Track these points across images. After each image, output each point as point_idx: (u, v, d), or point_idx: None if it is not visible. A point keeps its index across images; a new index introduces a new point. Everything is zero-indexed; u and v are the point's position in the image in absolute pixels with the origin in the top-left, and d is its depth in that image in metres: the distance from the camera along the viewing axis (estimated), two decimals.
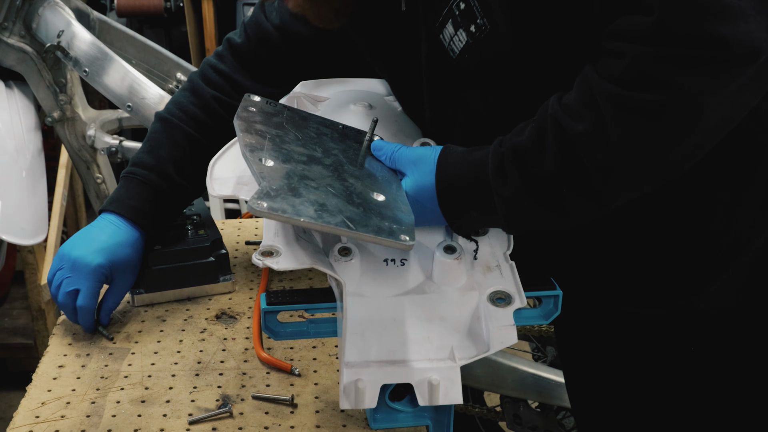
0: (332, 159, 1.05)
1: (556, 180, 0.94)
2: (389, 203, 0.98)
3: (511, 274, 1.00)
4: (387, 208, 0.97)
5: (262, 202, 0.89)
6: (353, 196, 0.97)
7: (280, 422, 1.12)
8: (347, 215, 0.92)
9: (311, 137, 1.09)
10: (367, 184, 1.01)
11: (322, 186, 0.96)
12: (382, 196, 0.99)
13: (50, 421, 1.12)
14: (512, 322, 0.94)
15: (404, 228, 0.94)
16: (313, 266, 0.95)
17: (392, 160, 1.07)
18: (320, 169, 1.01)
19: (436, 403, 0.94)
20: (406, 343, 0.94)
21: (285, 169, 0.97)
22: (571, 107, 0.93)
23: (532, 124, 0.96)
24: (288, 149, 1.04)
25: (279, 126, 1.10)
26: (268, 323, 1.03)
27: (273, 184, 0.93)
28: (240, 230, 1.68)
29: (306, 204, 0.91)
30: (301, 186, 0.95)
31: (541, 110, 0.96)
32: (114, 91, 2.10)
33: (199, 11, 3.32)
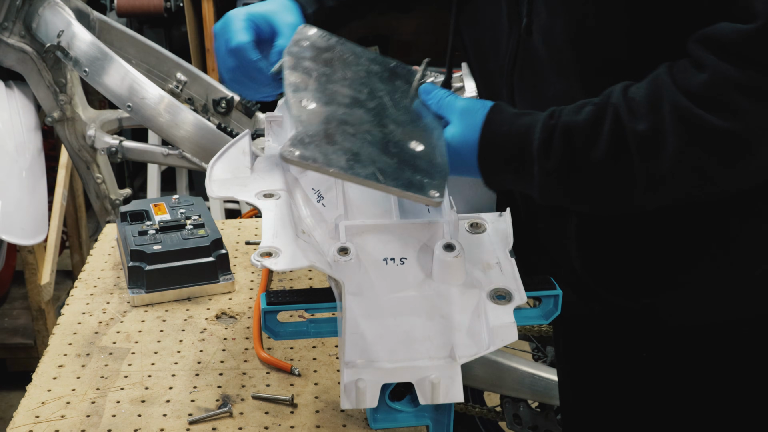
0: (377, 102, 1.03)
1: (599, 170, 0.93)
2: (426, 154, 0.97)
3: (511, 271, 1.00)
4: (423, 160, 0.96)
5: (294, 150, 0.88)
6: (390, 145, 0.96)
7: (280, 422, 1.12)
8: (379, 166, 0.91)
9: (359, 76, 1.07)
10: (408, 132, 0.99)
11: (360, 132, 0.95)
12: (421, 146, 0.97)
13: (50, 421, 1.12)
14: (512, 320, 0.94)
15: (435, 183, 0.93)
16: (312, 266, 0.95)
17: (439, 106, 1.05)
18: (362, 113, 1.00)
19: (437, 401, 0.94)
20: (406, 342, 0.94)
21: (325, 113, 0.96)
22: (635, 104, 0.91)
23: (591, 107, 0.94)
24: (332, 90, 1.02)
25: (328, 63, 1.07)
26: (268, 323, 1.02)
27: (309, 129, 0.92)
28: (240, 230, 1.68)
29: (339, 153, 0.90)
30: (337, 132, 0.93)
31: (605, 95, 0.94)
32: (114, 91, 2.10)
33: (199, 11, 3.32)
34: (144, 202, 1.58)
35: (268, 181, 1.13)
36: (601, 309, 1.16)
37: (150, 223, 1.48)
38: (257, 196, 1.09)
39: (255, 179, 1.14)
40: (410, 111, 1.05)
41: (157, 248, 1.41)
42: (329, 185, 1.08)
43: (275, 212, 1.05)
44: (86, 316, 1.37)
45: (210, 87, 2.33)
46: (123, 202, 2.37)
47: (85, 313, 1.38)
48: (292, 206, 1.07)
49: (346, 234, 1.00)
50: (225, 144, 1.22)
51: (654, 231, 1.08)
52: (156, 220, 1.49)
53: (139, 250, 1.40)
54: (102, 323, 1.35)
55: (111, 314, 1.38)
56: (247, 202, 1.09)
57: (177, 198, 1.58)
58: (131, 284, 1.41)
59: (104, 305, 1.40)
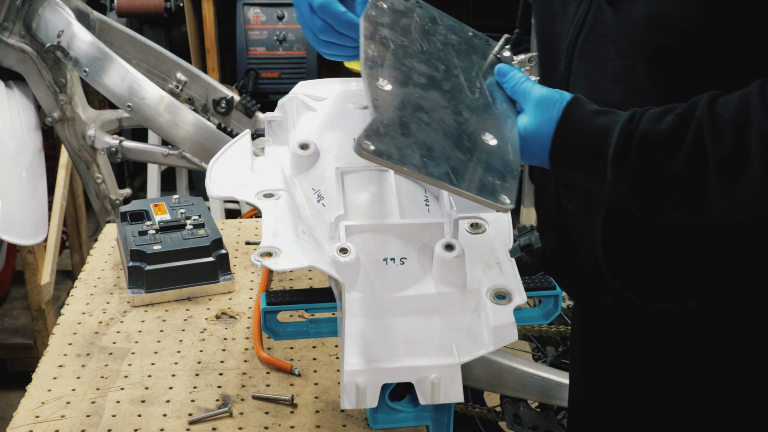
0: (452, 82, 1.01)
1: (674, 184, 0.91)
2: (499, 149, 0.95)
3: (511, 271, 1.00)
4: (495, 156, 0.94)
5: (369, 144, 0.85)
6: (463, 138, 0.94)
7: (280, 422, 1.12)
8: (452, 164, 0.89)
9: (437, 48, 1.05)
10: (482, 120, 0.97)
11: (434, 121, 0.93)
12: (494, 140, 0.96)
13: (50, 421, 1.12)
14: (512, 320, 0.94)
15: (506, 185, 0.91)
16: (312, 266, 0.95)
17: (514, 91, 1.02)
18: (437, 96, 0.97)
19: (437, 401, 0.94)
20: (406, 341, 0.94)
21: (401, 96, 0.94)
22: (721, 121, 0.88)
23: (674, 117, 0.91)
24: (409, 66, 0.99)
25: (406, 31, 1.04)
26: (268, 323, 1.02)
27: (385, 117, 0.90)
28: (240, 230, 1.68)
29: (413, 147, 0.89)
30: (413, 121, 0.92)
31: (690, 106, 0.91)
32: (114, 91, 2.10)
33: (199, 11, 3.33)
34: (144, 202, 1.58)
35: (268, 181, 1.13)
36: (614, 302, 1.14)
37: (150, 223, 1.48)
38: (257, 196, 1.09)
39: (255, 179, 1.14)
40: (485, 93, 1.02)
41: (157, 248, 1.40)
42: (329, 185, 1.08)
43: (275, 212, 1.05)
44: (86, 316, 1.37)
45: (210, 87, 2.34)
46: (123, 202, 2.38)
47: (85, 313, 1.38)
48: (292, 206, 1.07)
49: (346, 234, 1.00)
50: (225, 144, 1.22)
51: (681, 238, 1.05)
52: (156, 220, 1.49)
53: (139, 250, 1.40)
54: (102, 323, 1.35)
55: (111, 314, 1.38)
56: (247, 202, 1.09)
57: (177, 198, 1.58)
58: (131, 284, 1.41)
59: (104, 305, 1.40)
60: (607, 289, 1.12)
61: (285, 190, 1.11)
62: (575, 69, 1.08)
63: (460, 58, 1.06)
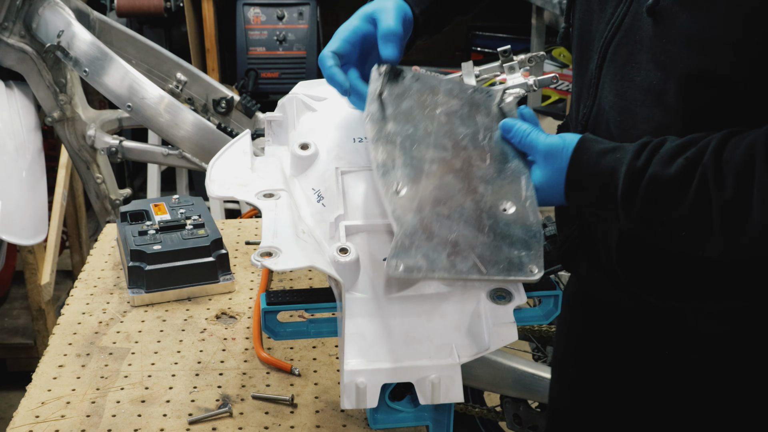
0: (462, 157, 1.03)
1: (681, 225, 0.94)
2: (519, 216, 0.98)
3: None
4: (517, 224, 0.97)
5: (399, 264, 0.90)
6: (483, 217, 0.97)
7: (280, 422, 1.12)
8: (478, 252, 0.93)
9: (441, 123, 1.07)
10: (498, 189, 1.00)
11: (453, 210, 0.96)
12: (513, 207, 0.99)
13: (50, 421, 1.12)
14: (512, 320, 0.94)
15: (532, 253, 0.94)
16: (312, 266, 0.95)
17: (522, 145, 1.04)
18: (451, 179, 1.00)
19: (437, 401, 0.94)
20: (406, 342, 0.94)
21: (417, 196, 0.97)
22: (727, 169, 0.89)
23: (683, 162, 0.93)
24: (419, 156, 1.02)
25: (409, 116, 1.07)
26: (268, 323, 1.02)
27: (407, 227, 0.93)
28: (240, 230, 1.68)
29: (438, 249, 0.92)
30: (434, 220, 0.95)
31: (700, 149, 0.92)
32: (114, 91, 2.10)
33: (199, 11, 3.33)
34: (144, 202, 1.58)
35: (268, 181, 1.13)
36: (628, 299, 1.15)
37: (150, 223, 1.48)
38: (257, 196, 1.09)
39: (255, 179, 1.14)
40: (495, 156, 1.05)
41: (157, 248, 1.40)
42: (329, 185, 1.08)
43: (275, 212, 1.05)
44: (86, 316, 1.37)
45: (210, 87, 2.34)
46: (123, 202, 2.38)
47: (85, 313, 1.38)
48: (292, 206, 1.07)
49: (346, 234, 1.00)
50: (225, 144, 1.22)
51: None
52: (156, 220, 1.49)
53: (139, 250, 1.40)
54: (102, 323, 1.35)
55: (111, 314, 1.38)
56: (247, 202, 1.09)
57: (177, 198, 1.58)
58: (131, 284, 1.41)
59: (104, 305, 1.40)
60: (622, 288, 1.13)
61: (285, 190, 1.11)
62: (605, 72, 1.08)
63: (465, 124, 1.08)
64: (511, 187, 1.01)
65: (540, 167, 1.02)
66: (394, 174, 0.99)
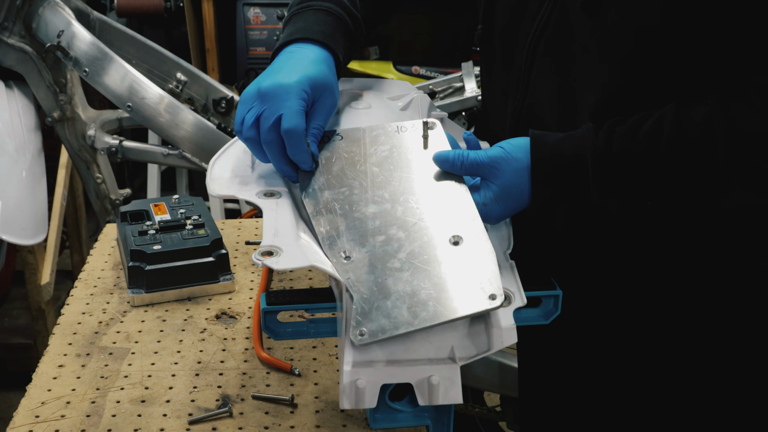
0: (402, 203, 1.04)
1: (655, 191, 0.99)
2: (468, 244, 0.98)
3: (511, 273, 1.00)
4: (468, 254, 0.97)
5: (363, 332, 0.90)
6: (435, 257, 0.97)
7: (280, 422, 1.12)
8: (436, 296, 0.93)
9: (374, 174, 1.08)
10: (442, 225, 1.01)
11: (405, 262, 0.97)
12: (461, 237, 0.99)
13: (50, 421, 1.12)
14: (512, 322, 0.94)
15: (490, 279, 0.95)
16: (313, 266, 0.95)
17: (465, 169, 1.05)
18: (395, 230, 1.01)
19: (435, 402, 0.94)
20: (405, 342, 0.94)
21: (366, 257, 0.97)
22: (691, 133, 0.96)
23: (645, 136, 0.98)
24: (360, 216, 1.02)
25: (341, 178, 1.07)
26: (268, 323, 1.02)
27: (364, 290, 0.94)
28: (240, 230, 1.68)
29: (398, 305, 0.92)
30: (387, 276, 0.95)
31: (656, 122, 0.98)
32: (114, 91, 2.10)
33: (199, 11, 3.33)
34: (144, 202, 1.58)
35: (269, 180, 1.13)
36: None
37: (150, 223, 1.48)
38: (258, 195, 1.09)
39: (256, 178, 1.14)
40: (433, 191, 1.05)
41: (157, 248, 1.40)
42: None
43: (276, 211, 1.05)
44: (86, 316, 1.37)
45: (210, 87, 2.34)
46: (123, 202, 2.38)
47: (85, 313, 1.38)
48: (292, 206, 1.07)
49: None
50: (225, 144, 1.22)
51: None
52: (156, 220, 1.49)
53: (139, 250, 1.40)
54: (102, 323, 1.35)
55: (111, 314, 1.38)
56: (247, 201, 1.09)
57: (177, 198, 1.58)
58: (131, 284, 1.41)
59: (104, 305, 1.40)
60: None
61: (286, 189, 1.11)
62: (538, 66, 1.12)
63: (398, 168, 1.09)
64: (455, 218, 1.02)
65: (492, 182, 1.04)
66: (340, 242, 0.99)
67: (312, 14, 1.17)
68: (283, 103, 1.05)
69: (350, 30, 1.21)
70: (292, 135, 1.05)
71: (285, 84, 1.06)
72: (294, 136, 1.05)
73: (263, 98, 1.06)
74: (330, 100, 1.11)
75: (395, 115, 1.23)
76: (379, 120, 1.19)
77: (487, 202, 1.04)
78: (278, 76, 1.08)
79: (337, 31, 1.18)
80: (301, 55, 1.12)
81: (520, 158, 1.03)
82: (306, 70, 1.09)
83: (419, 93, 1.30)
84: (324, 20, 1.17)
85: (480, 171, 1.05)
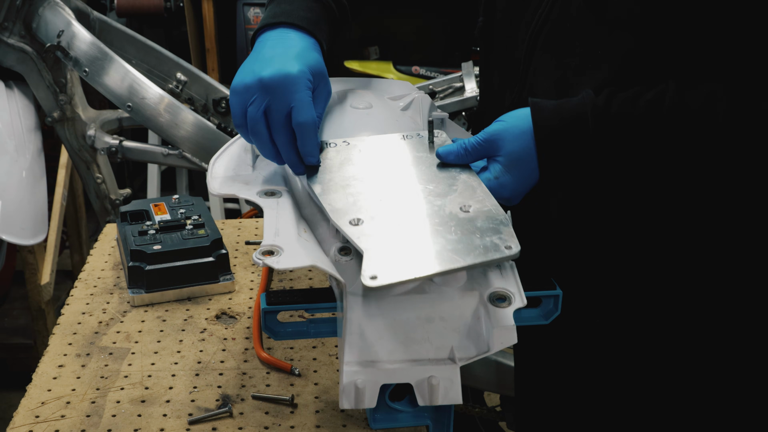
0: (411, 184, 1.05)
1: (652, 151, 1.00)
2: (479, 211, 0.99)
3: (511, 273, 1.00)
4: (480, 218, 0.98)
5: (376, 276, 0.90)
6: (446, 221, 0.98)
7: (280, 422, 1.12)
8: (451, 248, 0.93)
9: (383, 170, 1.08)
10: (452, 199, 1.01)
11: (417, 225, 0.97)
12: (471, 207, 1.00)
13: (50, 421, 1.12)
14: (512, 323, 0.94)
15: (504, 235, 0.95)
16: (313, 266, 0.95)
17: (469, 153, 1.05)
18: (406, 203, 1.01)
19: (435, 403, 0.94)
20: (405, 343, 0.94)
21: (378, 221, 0.98)
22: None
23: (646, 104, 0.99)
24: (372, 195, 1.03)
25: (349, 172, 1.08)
26: (268, 323, 1.02)
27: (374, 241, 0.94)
28: (240, 230, 1.68)
29: (412, 253, 0.92)
30: (400, 234, 0.95)
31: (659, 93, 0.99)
32: (114, 91, 2.10)
33: (199, 11, 3.33)
34: (144, 202, 1.58)
35: (270, 179, 1.13)
36: None
37: (150, 223, 1.48)
38: (259, 194, 1.09)
39: (256, 177, 1.14)
40: (442, 179, 1.06)
41: (157, 248, 1.40)
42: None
43: (277, 211, 1.05)
44: (86, 316, 1.37)
45: (210, 87, 2.34)
46: (123, 202, 2.38)
47: (85, 313, 1.38)
48: (293, 205, 1.07)
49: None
50: (225, 144, 1.22)
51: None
52: (156, 220, 1.49)
53: (139, 250, 1.40)
54: (102, 323, 1.35)
55: (111, 314, 1.38)
56: (248, 200, 1.09)
57: (177, 198, 1.58)
58: (131, 284, 1.41)
59: (104, 305, 1.40)
60: None
61: (286, 188, 1.11)
62: (538, 60, 1.12)
63: (406, 165, 1.09)
64: (466, 194, 1.02)
65: (498, 154, 1.04)
66: (351, 212, 0.99)
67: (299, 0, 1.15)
68: (292, 95, 1.03)
69: (336, 18, 1.19)
70: (305, 128, 1.04)
71: (291, 74, 1.03)
72: (308, 129, 1.04)
73: (267, 89, 1.03)
74: (327, 88, 1.10)
75: (396, 115, 1.23)
76: (380, 120, 1.19)
77: (498, 176, 1.04)
78: (279, 65, 1.04)
79: (322, 18, 1.15)
80: (291, 41, 1.09)
81: (521, 125, 1.03)
82: (304, 58, 1.06)
83: (420, 93, 1.30)
84: (310, 6, 1.14)
85: (484, 150, 1.05)
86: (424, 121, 1.22)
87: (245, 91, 1.04)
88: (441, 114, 1.27)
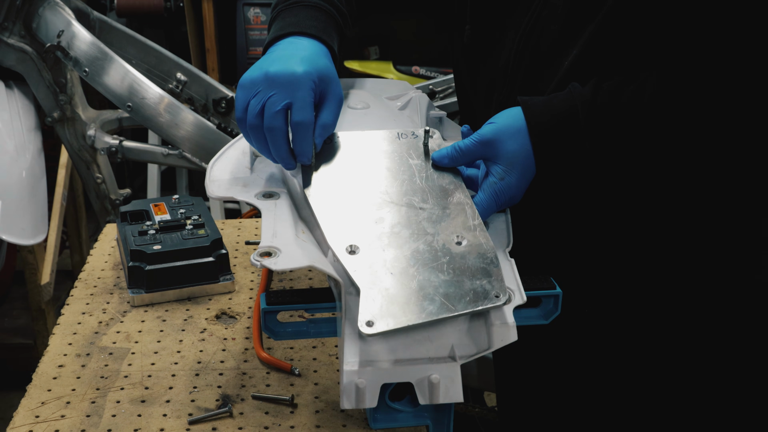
0: (405, 202, 1.04)
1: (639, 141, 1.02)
2: (471, 245, 0.99)
3: (511, 271, 1.01)
4: (471, 255, 0.98)
5: (372, 323, 0.90)
6: (439, 256, 0.98)
7: (280, 422, 1.12)
8: (443, 291, 0.94)
9: (377, 176, 1.08)
10: (446, 225, 1.01)
11: (410, 258, 0.97)
12: (464, 238, 1.00)
13: (50, 421, 1.12)
14: (512, 320, 0.94)
15: (493, 279, 0.95)
16: (311, 266, 0.95)
17: (463, 155, 1.06)
18: (400, 229, 1.01)
19: (436, 401, 0.94)
20: (405, 342, 0.94)
21: (372, 253, 0.98)
22: None
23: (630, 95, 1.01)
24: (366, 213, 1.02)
25: (343, 178, 1.08)
26: (268, 323, 1.02)
27: (370, 283, 0.94)
28: (240, 230, 1.68)
29: (405, 298, 0.93)
30: (393, 271, 0.95)
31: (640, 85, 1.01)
32: (114, 91, 2.10)
33: (199, 11, 3.33)
34: (144, 202, 1.58)
35: (268, 181, 1.13)
36: None
37: (150, 223, 1.48)
38: (257, 197, 1.09)
39: (255, 179, 1.14)
40: (436, 194, 1.06)
41: (157, 248, 1.40)
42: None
43: (275, 212, 1.05)
44: (86, 316, 1.37)
45: (210, 87, 2.34)
46: (123, 202, 2.38)
47: (85, 313, 1.38)
48: (291, 206, 1.07)
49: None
50: (225, 144, 1.22)
51: None
52: (156, 220, 1.49)
53: (139, 250, 1.40)
54: (102, 323, 1.35)
55: (111, 314, 1.38)
56: (246, 202, 1.09)
57: (177, 198, 1.58)
58: (131, 284, 1.41)
59: (104, 305, 1.40)
60: None
61: (284, 190, 1.11)
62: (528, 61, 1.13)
63: (400, 170, 1.09)
64: (459, 220, 1.02)
65: (496, 155, 1.05)
66: (346, 237, 0.99)
67: (302, 10, 1.17)
68: (294, 92, 1.04)
69: (339, 26, 1.21)
70: (301, 127, 1.05)
71: (296, 72, 1.04)
72: (303, 129, 1.05)
73: (271, 83, 1.04)
74: (337, 93, 1.10)
75: (393, 114, 1.23)
76: (377, 119, 1.19)
77: (503, 176, 1.05)
78: (287, 63, 1.05)
79: (329, 26, 1.17)
80: (302, 46, 1.10)
81: (514, 124, 1.04)
82: (313, 61, 1.07)
83: (417, 92, 1.30)
84: (315, 15, 1.16)
85: (479, 151, 1.06)
86: (422, 120, 1.22)
87: (251, 86, 1.05)
88: (439, 113, 1.27)
